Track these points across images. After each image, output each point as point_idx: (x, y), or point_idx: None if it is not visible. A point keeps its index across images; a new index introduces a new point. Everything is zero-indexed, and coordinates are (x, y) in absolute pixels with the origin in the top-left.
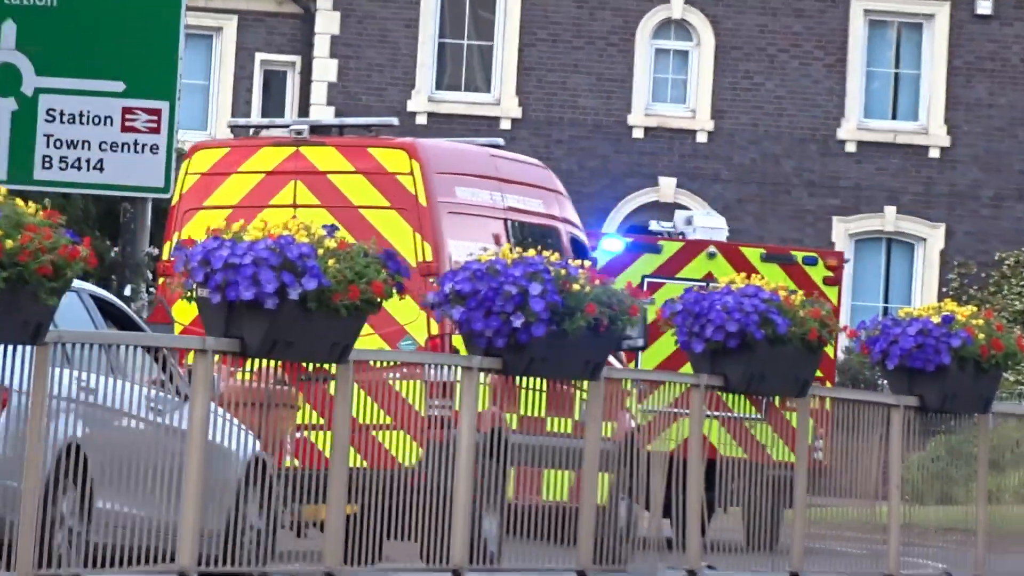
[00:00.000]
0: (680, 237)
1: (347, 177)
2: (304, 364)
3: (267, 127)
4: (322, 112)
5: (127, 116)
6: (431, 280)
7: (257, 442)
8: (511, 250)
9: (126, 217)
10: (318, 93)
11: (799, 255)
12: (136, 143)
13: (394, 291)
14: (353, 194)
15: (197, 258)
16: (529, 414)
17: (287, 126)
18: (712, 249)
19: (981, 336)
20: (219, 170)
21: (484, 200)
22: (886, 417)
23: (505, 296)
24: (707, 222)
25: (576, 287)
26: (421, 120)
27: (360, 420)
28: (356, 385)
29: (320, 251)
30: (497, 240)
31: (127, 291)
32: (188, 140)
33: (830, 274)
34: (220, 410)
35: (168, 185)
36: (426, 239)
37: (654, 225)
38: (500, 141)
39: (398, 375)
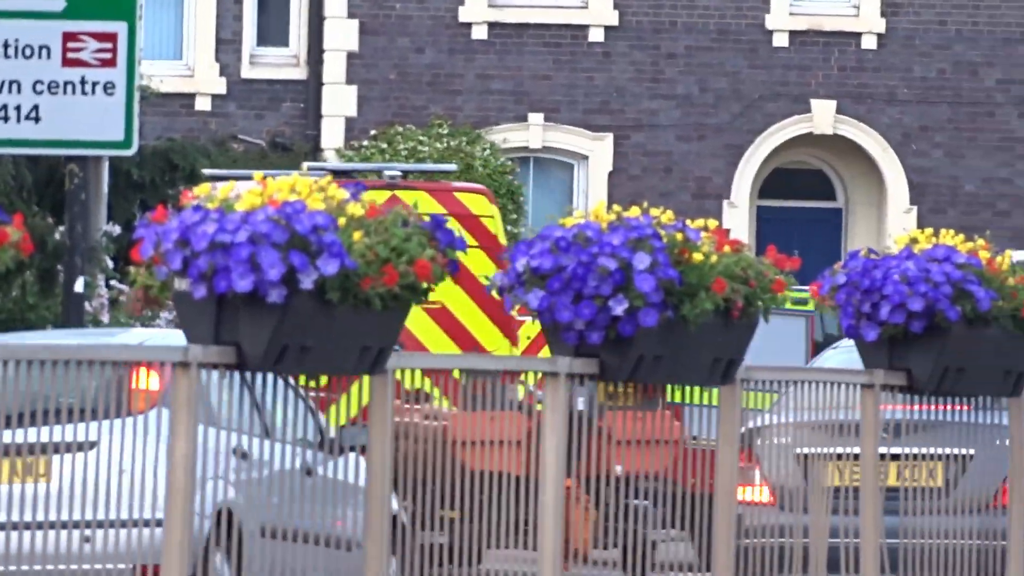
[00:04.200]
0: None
1: None
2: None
3: (347, 172)
4: (342, 25)
5: (70, 44)
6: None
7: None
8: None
9: (73, 184)
10: (334, 2)
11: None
12: (84, 81)
13: (447, 273)
14: None
15: (173, 237)
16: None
17: (372, 172)
18: None
19: None
20: None
21: None
22: None
23: (601, 273)
24: None
25: (698, 257)
26: (479, 33)
27: None
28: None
29: (341, 221)
30: None
31: (79, 284)
32: (155, 75)
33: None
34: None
35: (130, 138)
36: None
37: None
38: (452, 167)
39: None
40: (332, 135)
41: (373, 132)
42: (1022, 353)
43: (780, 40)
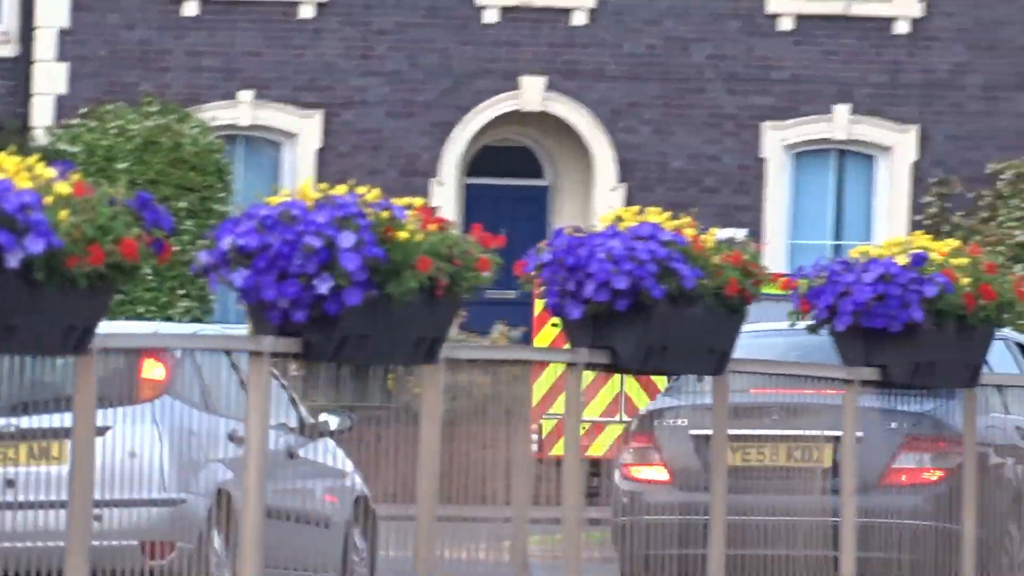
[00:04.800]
0: None
1: None
2: None
3: None
4: (53, 2)
5: None
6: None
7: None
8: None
9: None
10: None
11: None
12: None
13: (153, 252)
14: None
15: None
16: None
17: None
18: None
19: (965, 281)
20: None
21: None
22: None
23: (306, 251)
24: None
25: (403, 235)
26: (190, 10)
27: None
28: None
29: (48, 199)
30: None
31: None
32: None
33: None
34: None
35: None
36: None
37: None
38: None
39: None
40: (42, 113)
41: (83, 110)
42: (726, 331)
43: (490, 16)
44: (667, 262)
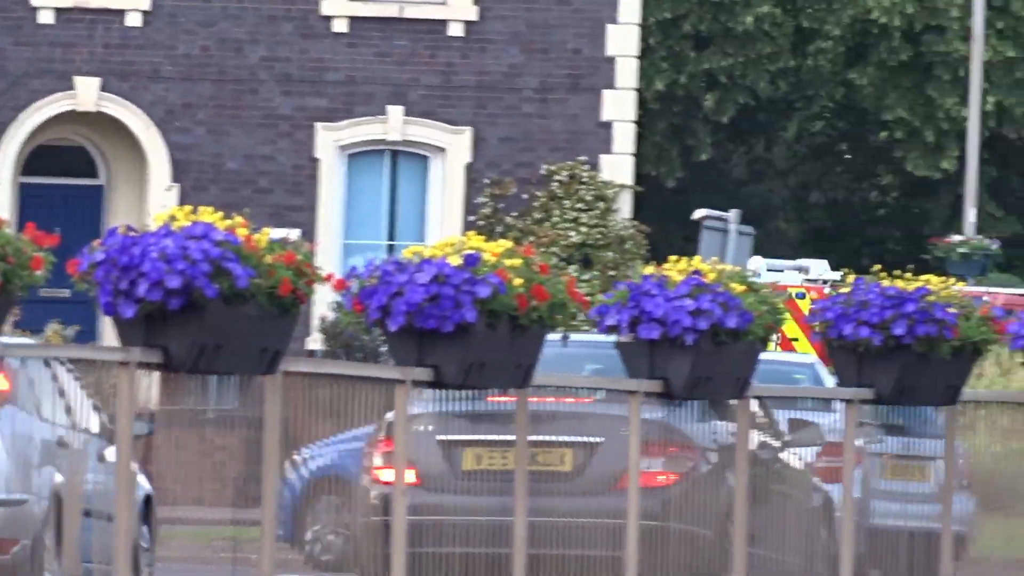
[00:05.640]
0: None
1: None
2: None
3: None
4: None
5: None
6: None
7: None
8: None
9: None
10: None
11: None
12: None
13: None
14: None
15: None
16: None
17: None
18: None
19: (518, 282)
20: None
21: None
22: (382, 400)
23: None
24: None
25: None
26: None
27: None
28: None
29: None
30: None
31: None
32: None
33: None
34: None
35: None
36: None
37: None
38: None
39: None
40: None
41: None
42: (279, 331)
43: (45, 17)
44: (220, 262)
